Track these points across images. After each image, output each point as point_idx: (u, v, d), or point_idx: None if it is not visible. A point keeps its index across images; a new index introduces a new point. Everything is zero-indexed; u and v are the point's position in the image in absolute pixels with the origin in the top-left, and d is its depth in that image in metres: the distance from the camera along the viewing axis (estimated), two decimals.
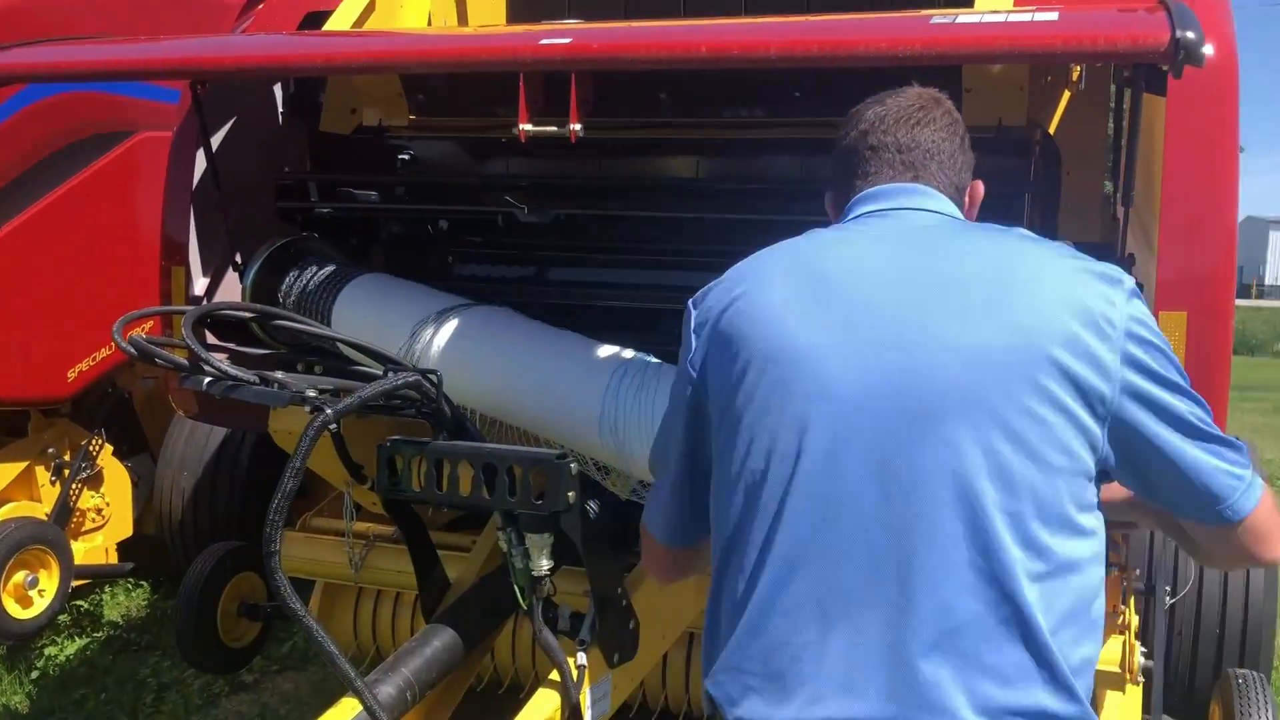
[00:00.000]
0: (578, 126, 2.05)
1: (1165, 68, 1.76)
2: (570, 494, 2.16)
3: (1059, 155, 2.97)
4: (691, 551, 1.80)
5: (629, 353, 2.50)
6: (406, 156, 3.52)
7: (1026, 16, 1.90)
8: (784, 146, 3.19)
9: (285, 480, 1.80)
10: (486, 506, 2.24)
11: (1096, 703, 2.88)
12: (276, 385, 1.92)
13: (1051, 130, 3.00)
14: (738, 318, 1.58)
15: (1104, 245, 2.64)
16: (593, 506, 2.53)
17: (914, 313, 1.49)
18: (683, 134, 3.18)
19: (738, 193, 3.17)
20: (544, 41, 2.00)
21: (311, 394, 1.89)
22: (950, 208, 1.69)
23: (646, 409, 2.32)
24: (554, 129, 2.07)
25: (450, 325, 2.71)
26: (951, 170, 1.72)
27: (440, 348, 2.69)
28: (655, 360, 2.47)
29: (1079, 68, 2.96)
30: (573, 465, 2.17)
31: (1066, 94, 3.00)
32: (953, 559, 1.41)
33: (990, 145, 2.80)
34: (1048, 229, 2.90)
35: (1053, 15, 1.89)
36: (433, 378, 2.19)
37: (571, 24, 2.46)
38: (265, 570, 1.83)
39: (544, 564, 2.28)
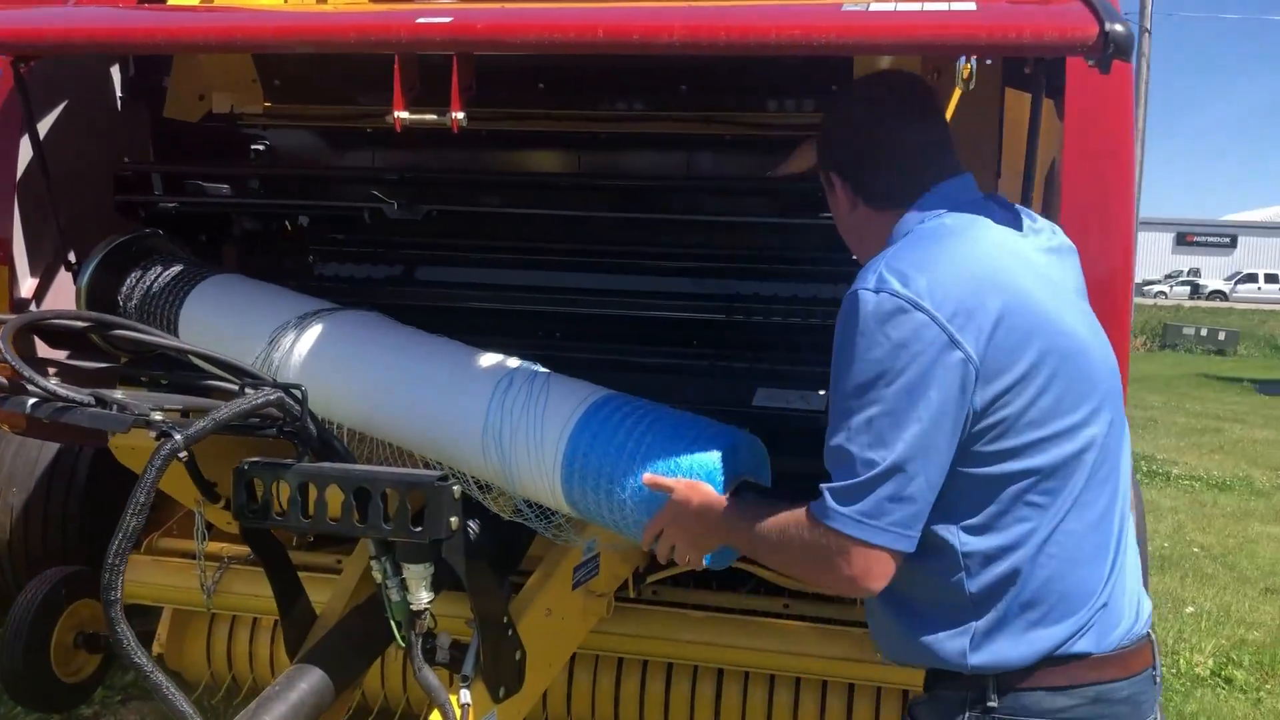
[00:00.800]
0: (460, 115, 1.85)
1: (1091, 62, 1.67)
2: (453, 520, 1.97)
3: None
4: None
5: (514, 361, 2.31)
6: (261, 146, 3.25)
7: (943, 6, 1.80)
8: (669, 142, 3.05)
9: (128, 518, 1.56)
10: (359, 534, 2.03)
11: None
12: (116, 407, 1.67)
13: None
14: (1018, 312, 1.64)
15: None
16: (472, 528, 2.35)
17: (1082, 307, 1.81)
18: (563, 126, 3.01)
19: (620, 189, 3.02)
20: (422, 20, 1.80)
21: (157, 417, 1.65)
22: None
23: (535, 423, 2.14)
24: (434, 118, 1.87)
25: (314, 331, 2.47)
26: (950, 137, 1.87)
27: (303, 357, 2.46)
28: (542, 369, 2.29)
29: (970, 65, 2.90)
30: (456, 488, 1.98)
31: (957, 92, 2.94)
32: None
33: None
34: None
35: (970, 6, 1.79)
36: (297, 393, 1.96)
37: (447, 3, 2.26)
38: (105, 620, 1.59)
39: (423, 596, 2.09)
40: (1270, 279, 42.61)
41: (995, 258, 1.70)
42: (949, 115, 2.96)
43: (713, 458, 1.97)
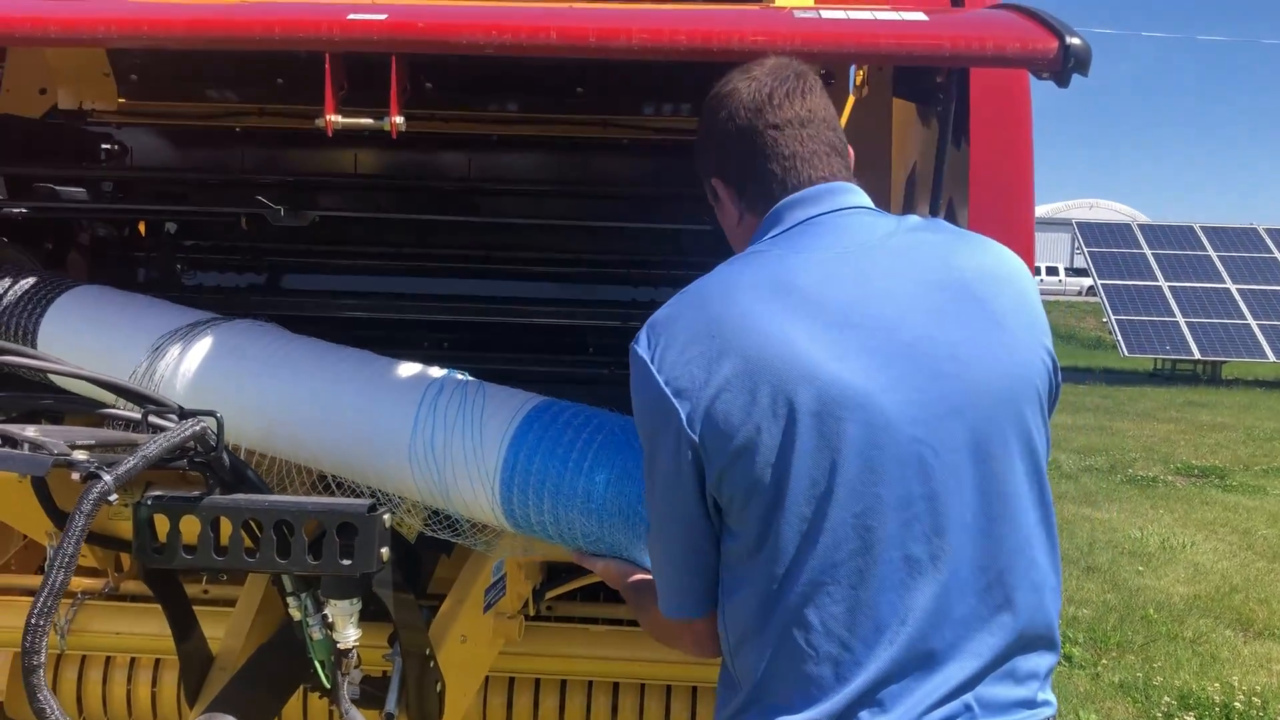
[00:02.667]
0: (400, 120, 1.73)
1: (1045, 75, 1.69)
2: (384, 551, 1.85)
3: None
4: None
5: (437, 370, 2.19)
6: (113, 146, 2.99)
7: (894, 16, 1.79)
8: (560, 145, 2.97)
9: (54, 573, 1.38)
10: (280, 570, 1.88)
11: None
12: (28, 446, 1.48)
13: None
14: (754, 371, 1.45)
15: None
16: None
17: (936, 341, 1.49)
18: (451, 128, 2.89)
19: (508, 193, 2.94)
20: (355, 17, 1.67)
21: (80, 457, 1.47)
22: (867, 199, 1.62)
23: (473, 432, 2.02)
24: (370, 121, 1.74)
25: (203, 344, 2.28)
26: (841, 142, 1.64)
27: (192, 372, 2.26)
28: (469, 377, 2.17)
29: (864, 73, 2.94)
30: (386, 517, 1.86)
31: (851, 100, 2.97)
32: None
33: None
34: None
35: (922, 16, 1.79)
36: (212, 422, 1.79)
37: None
38: (25, 689, 1.41)
39: (351, 634, 1.96)
40: (1051, 271, 45.51)
41: (757, 311, 1.48)
42: (843, 122, 3.00)
43: None
